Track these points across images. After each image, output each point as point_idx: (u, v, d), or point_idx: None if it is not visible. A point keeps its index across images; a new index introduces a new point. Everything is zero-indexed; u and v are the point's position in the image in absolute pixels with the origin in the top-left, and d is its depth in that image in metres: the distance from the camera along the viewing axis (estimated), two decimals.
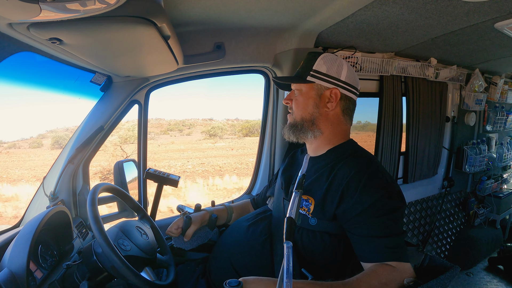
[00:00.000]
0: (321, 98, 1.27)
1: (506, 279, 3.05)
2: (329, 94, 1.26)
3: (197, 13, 1.51)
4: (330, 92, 1.26)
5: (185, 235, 1.43)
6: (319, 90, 1.27)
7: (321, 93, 1.27)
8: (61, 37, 0.96)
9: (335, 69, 1.26)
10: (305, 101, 1.29)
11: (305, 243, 1.18)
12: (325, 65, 1.27)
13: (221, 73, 2.00)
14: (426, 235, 3.09)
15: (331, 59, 1.28)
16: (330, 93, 1.26)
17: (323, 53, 1.31)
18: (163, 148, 18.65)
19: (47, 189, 1.57)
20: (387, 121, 2.57)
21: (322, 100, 1.27)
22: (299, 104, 1.30)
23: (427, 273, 1.05)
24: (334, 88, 1.26)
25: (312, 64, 1.28)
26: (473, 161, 3.17)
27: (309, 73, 1.28)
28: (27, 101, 22.91)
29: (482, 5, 1.46)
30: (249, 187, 2.39)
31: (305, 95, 1.29)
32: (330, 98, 1.27)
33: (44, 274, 1.20)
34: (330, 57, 1.29)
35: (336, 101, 1.27)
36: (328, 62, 1.27)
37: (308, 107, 1.28)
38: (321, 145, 1.31)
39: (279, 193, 1.38)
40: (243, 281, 0.93)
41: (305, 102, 1.29)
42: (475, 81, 2.95)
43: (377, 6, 1.47)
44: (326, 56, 1.29)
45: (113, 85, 1.68)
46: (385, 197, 1.09)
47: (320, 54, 1.30)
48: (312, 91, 1.28)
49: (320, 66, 1.27)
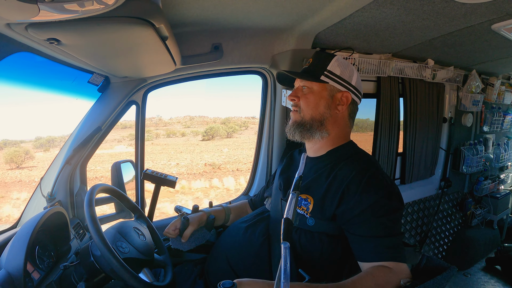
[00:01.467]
0: (333, 99, 1.27)
1: (504, 280, 3.06)
2: (340, 97, 1.27)
3: (195, 14, 1.51)
4: (342, 95, 1.27)
5: (183, 236, 1.42)
6: (332, 92, 1.27)
7: (333, 95, 1.27)
8: (59, 37, 0.96)
9: (348, 73, 1.27)
10: (317, 100, 1.28)
11: (303, 244, 1.18)
12: (339, 68, 1.27)
13: (218, 74, 2.01)
14: (423, 235, 3.10)
15: (344, 62, 1.29)
16: (342, 96, 1.27)
17: (334, 54, 1.32)
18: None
19: (44, 189, 1.56)
20: (384, 122, 2.57)
21: (334, 102, 1.27)
22: (310, 102, 1.28)
23: (425, 273, 1.05)
24: (346, 91, 1.27)
25: (326, 64, 1.28)
26: (470, 161, 3.18)
27: (323, 72, 1.27)
28: (25, 101, 22.82)
29: (479, 6, 1.47)
30: (247, 188, 2.39)
31: (317, 95, 1.28)
32: (341, 101, 1.27)
33: (41, 275, 1.20)
34: (343, 60, 1.29)
35: (346, 105, 1.28)
36: (341, 65, 1.28)
37: (320, 107, 1.27)
38: (323, 146, 1.32)
39: (276, 194, 1.38)
40: (238, 282, 0.93)
41: (317, 102, 1.28)
42: (472, 82, 2.96)
43: (374, 7, 1.47)
44: (340, 58, 1.29)
45: (111, 85, 1.68)
46: (385, 198, 1.10)
47: (333, 56, 1.30)
48: (325, 92, 1.27)
49: (335, 68, 1.27)
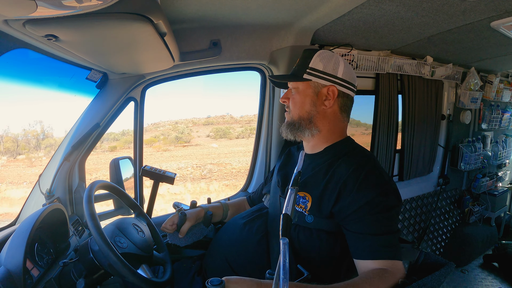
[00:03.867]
0: (318, 96, 1.26)
1: (501, 276, 3.08)
2: (326, 92, 1.25)
3: (193, 10, 1.50)
4: (327, 89, 1.25)
5: (180, 231, 1.42)
6: (316, 88, 1.26)
7: (318, 91, 1.26)
8: (57, 33, 0.95)
9: (332, 66, 1.25)
10: (302, 99, 1.28)
11: (301, 241, 1.18)
12: (321, 62, 1.25)
13: (217, 70, 2.00)
14: (421, 232, 3.11)
15: (327, 56, 1.27)
16: (327, 91, 1.25)
17: (319, 50, 1.30)
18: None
19: (43, 186, 1.56)
20: (382, 119, 2.57)
21: (320, 98, 1.26)
22: (296, 102, 1.29)
23: (422, 269, 1.05)
24: (331, 85, 1.25)
25: (308, 62, 1.27)
26: (468, 159, 3.19)
27: (305, 71, 1.26)
28: (23, 99, 22.66)
29: (478, 3, 1.47)
30: (245, 184, 2.39)
31: (302, 93, 1.28)
32: (328, 95, 1.25)
33: (41, 272, 1.20)
34: (326, 54, 1.27)
35: (333, 99, 1.25)
36: (324, 59, 1.26)
37: (306, 106, 1.27)
38: (318, 143, 1.31)
39: (275, 191, 1.38)
40: (226, 280, 0.93)
41: (302, 101, 1.28)
42: (471, 79, 2.97)
43: (373, 4, 1.47)
44: (322, 53, 1.27)
45: (109, 82, 1.67)
46: (382, 195, 1.09)
47: (315, 51, 1.28)
48: (309, 89, 1.27)
49: (317, 63, 1.25)
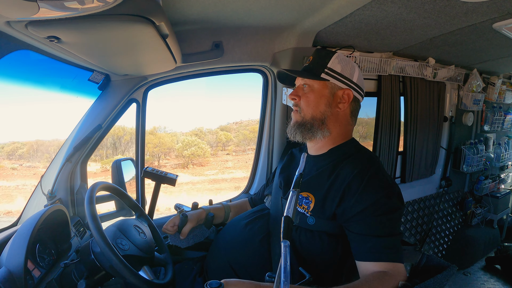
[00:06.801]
0: (334, 97, 1.25)
1: (503, 279, 3.06)
2: (341, 95, 1.24)
3: (195, 12, 1.51)
4: (343, 92, 1.24)
5: (181, 233, 1.42)
6: (333, 89, 1.24)
7: (334, 92, 1.24)
8: (59, 35, 0.95)
9: (349, 70, 1.24)
10: (317, 99, 1.25)
11: (303, 242, 1.17)
12: (339, 64, 1.24)
13: (219, 72, 2.00)
14: (423, 234, 3.10)
15: (344, 59, 1.26)
16: (343, 94, 1.24)
17: (335, 51, 1.28)
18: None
19: (44, 187, 1.57)
20: (385, 120, 2.57)
21: (335, 99, 1.25)
22: (310, 101, 1.26)
23: (425, 272, 1.05)
24: (347, 89, 1.24)
25: (326, 62, 1.24)
26: (471, 161, 3.17)
27: (323, 70, 1.24)
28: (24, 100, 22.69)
29: (480, 5, 1.46)
30: (247, 186, 2.39)
31: (318, 93, 1.25)
32: (342, 98, 1.24)
33: (42, 273, 1.20)
34: (343, 57, 1.26)
35: (348, 102, 1.25)
36: (342, 62, 1.25)
37: (320, 106, 1.25)
38: (325, 145, 1.30)
39: (277, 192, 1.38)
40: (225, 283, 0.92)
41: (317, 100, 1.25)
42: (473, 81, 2.96)
43: (375, 5, 1.47)
44: (340, 55, 1.26)
45: (111, 83, 1.68)
46: (385, 197, 1.09)
47: (333, 53, 1.27)
48: (326, 90, 1.25)
49: (335, 65, 1.24)
